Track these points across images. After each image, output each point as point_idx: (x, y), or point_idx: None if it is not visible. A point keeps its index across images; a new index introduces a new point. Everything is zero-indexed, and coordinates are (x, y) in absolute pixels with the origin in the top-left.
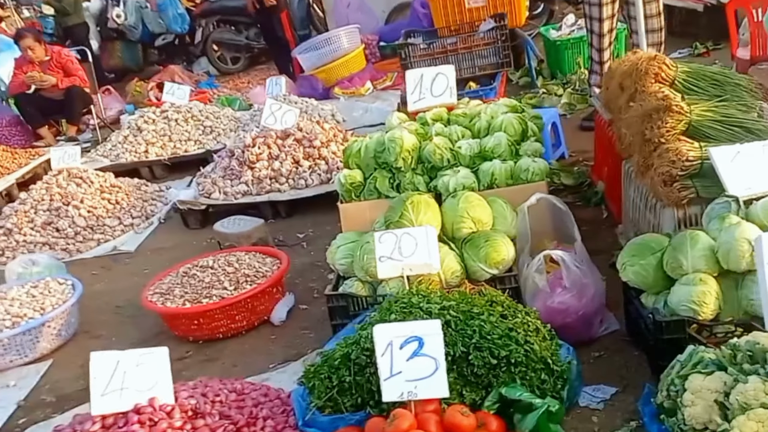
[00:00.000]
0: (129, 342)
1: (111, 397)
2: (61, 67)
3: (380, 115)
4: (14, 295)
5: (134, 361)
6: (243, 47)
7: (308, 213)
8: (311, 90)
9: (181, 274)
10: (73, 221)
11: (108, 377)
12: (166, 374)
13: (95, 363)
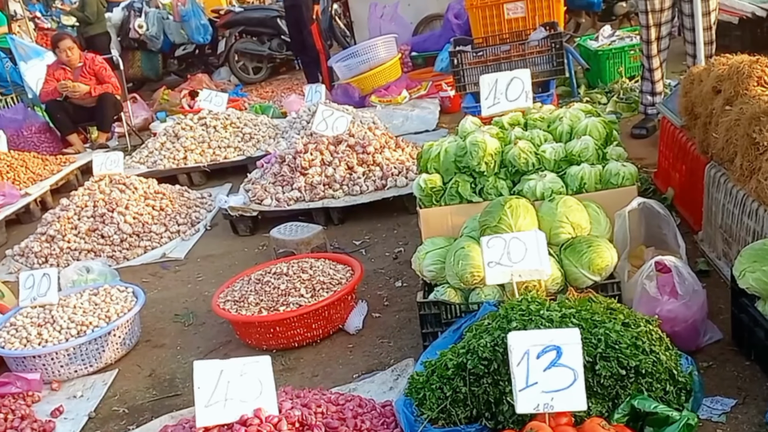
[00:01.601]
0: (196, 351)
1: (216, 408)
2: (93, 74)
3: (421, 122)
4: (76, 302)
5: (238, 370)
6: (265, 57)
7: (362, 220)
8: (347, 98)
9: (253, 281)
10: (118, 228)
11: (212, 387)
12: (269, 384)
13: (199, 372)
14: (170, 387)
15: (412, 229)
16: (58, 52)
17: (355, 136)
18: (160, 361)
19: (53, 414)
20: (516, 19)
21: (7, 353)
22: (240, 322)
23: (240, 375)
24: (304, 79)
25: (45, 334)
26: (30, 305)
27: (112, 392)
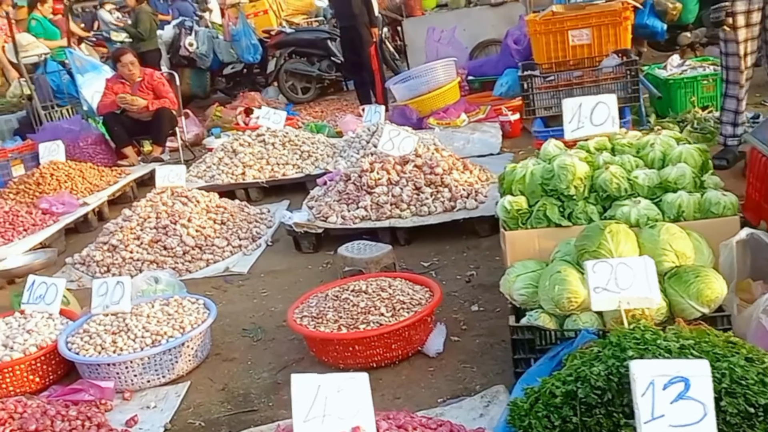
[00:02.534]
0: (268, 367)
1: (313, 423)
2: (151, 89)
3: (484, 146)
4: (149, 312)
5: (335, 386)
6: (314, 78)
7: (429, 241)
8: (404, 120)
9: (331, 297)
10: (181, 240)
11: (310, 402)
12: (367, 402)
13: (297, 386)
14: (245, 402)
15: (483, 253)
16: (120, 66)
17: (422, 156)
18: (232, 376)
19: (128, 424)
20: (581, 45)
21: (81, 359)
22: (318, 339)
23: (337, 391)
24: (352, 100)
25: (120, 342)
26: (102, 312)
27: (185, 404)
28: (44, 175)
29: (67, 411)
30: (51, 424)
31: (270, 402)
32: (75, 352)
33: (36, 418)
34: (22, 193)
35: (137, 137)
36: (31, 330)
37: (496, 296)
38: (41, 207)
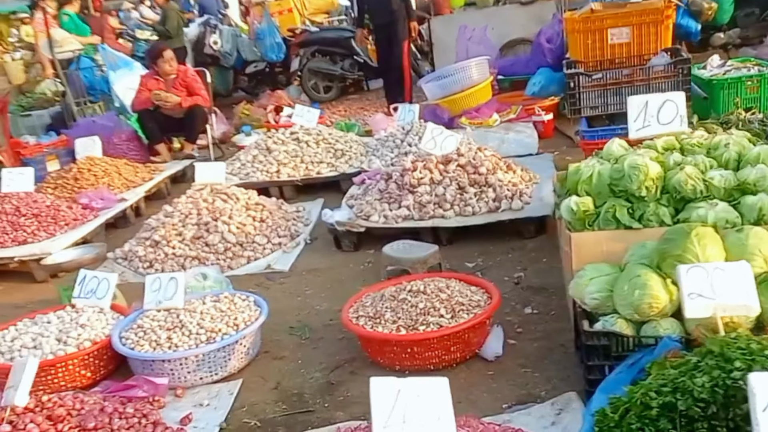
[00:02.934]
0: (319, 367)
1: (393, 430)
2: (185, 86)
3: (520, 146)
4: (202, 308)
5: (415, 390)
6: (337, 77)
7: (472, 242)
8: (435, 119)
9: (387, 297)
10: (222, 237)
11: (390, 407)
12: (448, 408)
13: (376, 389)
14: (300, 402)
15: (528, 255)
16: (162, 61)
17: (465, 155)
18: (284, 374)
19: (182, 422)
20: (620, 44)
21: (136, 355)
22: (375, 340)
23: (417, 396)
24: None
25: (174, 338)
26: (155, 308)
27: (239, 403)
28: (81, 170)
29: (123, 408)
30: (109, 422)
31: (325, 403)
32: (129, 347)
33: (94, 415)
34: (60, 188)
35: (170, 134)
36: (84, 324)
37: (548, 299)
38: (81, 202)
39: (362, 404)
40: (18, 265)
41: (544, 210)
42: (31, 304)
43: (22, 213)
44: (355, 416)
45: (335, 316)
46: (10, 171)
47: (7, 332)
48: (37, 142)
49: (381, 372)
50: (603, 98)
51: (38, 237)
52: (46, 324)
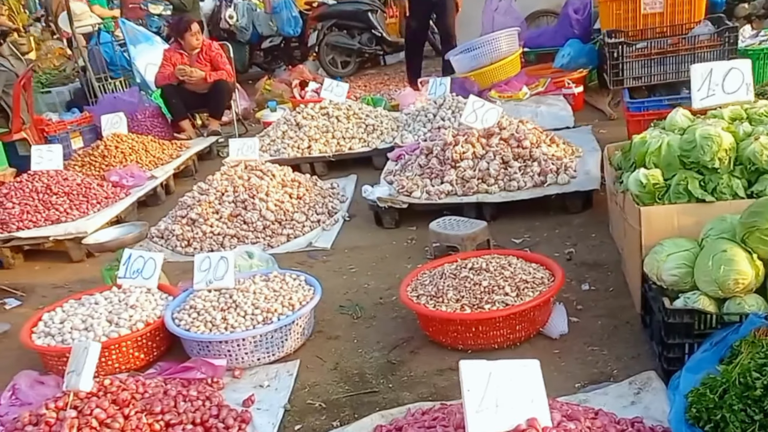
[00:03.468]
0: (377, 346)
1: (486, 414)
2: (209, 60)
3: (554, 119)
4: (255, 288)
5: (507, 373)
6: (354, 51)
7: (517, 217)
8: (464, 92)
9: (448, 275)
10: (261, 214)
11: (482, 391)
12: (540, 391)
13: (467, 373)
14: (362, 383)
15: (576, 230)
16: (189, 35)
17: (507, 129)
18: (341, 354)
19: (245, 403)
20: (653, 14)
21: (194, 336)
22: (438, 319)
23: (509, 379)
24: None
25: (230, 319)
26: (205, 288)
27: (300, 384)
28: (109, 147)
29: (187, 391)
30: (174, 405)
31: (389, 383)
32: (184, 328)
33: (159, 398)
34: (88, 165)
35: (194, 110)
36: (134, 305)
37: (604, 275)
38: (111, 180)
39: (427, 384)
40: (53, 245)
41: (591, 184)
42: (69, 284)
43: (53, 191)
44: (422, 397)
45: (385, 295)
46: (39, 148)
47: (55, 314)
48: (60, 119)
49: (442, 352)
50: (647, 68)
51: (71, 216)
52: (94, 305)
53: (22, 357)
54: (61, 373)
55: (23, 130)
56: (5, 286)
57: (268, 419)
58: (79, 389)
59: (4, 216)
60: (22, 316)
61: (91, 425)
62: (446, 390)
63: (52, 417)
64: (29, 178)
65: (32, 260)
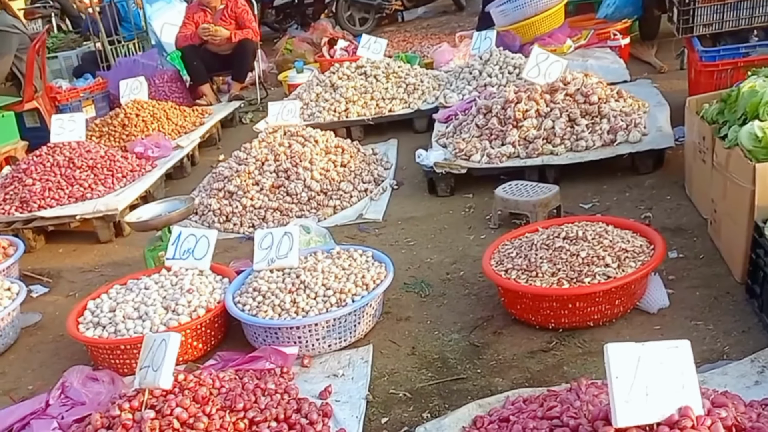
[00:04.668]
0: (454, 327)
1: (635, 404)
2: (234, 18)
3: (605, 73)
4: (322, 266)
5: (657, 356)
6: (374, 8)
7: (581, 180)
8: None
9: (539, 246)
10: (305, 184)
11: (631, 377)
12: (692, 376)
13: (615, 357)
14: (446, 368)
15: (648, 192)
16: None
17: (572, 83)
18: (416, 337)
19: (322, 395)
20: None
21: (262, 322)
22: (530, 295)
23: (659, 363)
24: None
25: (300, 301)
26: (267, 268)
27: (377, 372)
28: (129, 115)
29: (265, 384)
30: (255, 401)
31: (477, 368)
32: (251, 313)
33: (238, 393)
34: (107, 136)
35: (215, 73)
36: (190, 290)
37: (690, 241)
38: (135, 151)
39: (519, 368)
40: (80, 225)
41: (666, 141)
42: (99, 267)
43: (76, 165)
44: (517, 383)
45: (451, 270)
46: (60, 118)
47: (100, 301)
48: (71, 86)
49: (529, 331)
50: (719, 14)
51: (96, 191)
52: (145, 291)
53: (61, 350)
54: (114, 368)
55: (35, 99)
56: (30, 271)
57: (350, 412)
58: (159, 386)
59: (24, 194)
60: (52, 305)
61: (173, 426)
62: (542, 374)
63: (128, 419)
64: (49, 151)
65: (55, 242)
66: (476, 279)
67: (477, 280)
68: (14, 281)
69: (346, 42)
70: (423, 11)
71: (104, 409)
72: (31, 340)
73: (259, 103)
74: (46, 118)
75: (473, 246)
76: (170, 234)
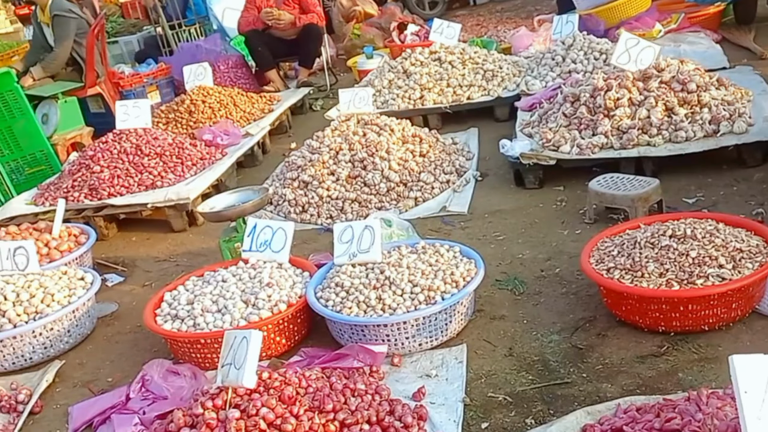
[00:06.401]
0: (553, 328)
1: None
2: (298, 2)
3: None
4: (408, 262)
5: None
6: None
7: (684, 173)
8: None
9: (643, 244)
10: (383, 175)
11: (762, 392)
12: None
13: (742, 370)
14: (548, 371)
15: (758, 186)
16: None
17: (666, 70)
18: (513, 337)
19: (415, 397)
20: None
21: (349, 319)
22: (638, 297)
23: None
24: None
25: (387, 298)
26: (348, 263)
27: (473, 373)
28: (195, 101)
29: (355, 384)
30: (345, 402)
31: (582, 372)
32: (335, 309)
33: (326, 393)
34: (173, 122)
35: (282, 59)
36: (269, 283)
37: None
38: (204, 138)
39: (629, 374)
40: (152, 213)
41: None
42: (174, 257)
43: (144, 152)
44: (628, 389)
45: (545, 267)
46: (124, 104)
47: (177, 293)
48: (134, 71)
49: (637, 334)
50: None
51: (167, 180)
52: (222, 283)
53: (139, 341)
54: (194, 361)
55: (98, 84)
56: (104, 260)
57: (447, 415)
58: (242, 385)
59: (93, 181)
60: (129, 294)
61: (260, 427)
62: (655, 381)
63: (212, 418)
64: (115, 138)
65: (127, 230)
66: (574, 277)
67: (575, 278)
68: (88, 270)
69: (416, 26)
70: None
71: (187, 407)
72: (108, 330)
73: (329, 90)
74: (110, 103)
75: (568, 242)
76: (245, 225)
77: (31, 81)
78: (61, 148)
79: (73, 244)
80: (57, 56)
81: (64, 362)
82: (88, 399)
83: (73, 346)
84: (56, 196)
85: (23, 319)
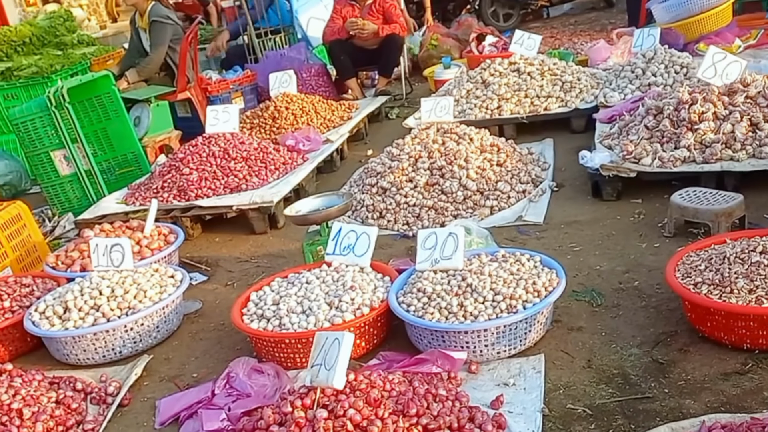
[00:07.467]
0: (633, 341)
1: None
2: (382, 13)
3: None
4: (489, 270)
5: None
6: (519, 3)
7: (765, 188)
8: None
9: (732, 259)
10: (460, 183)
11: None
12: None
13: None
14: (628, 385)
15: None
16: None
17: (752, 85)
18: (592, 349)
19: (493, 405)
20: None
21: (430, 325)
22: (724, 313)
23: None
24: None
25: (468, 305)
26: (430, 269)
27: (551, 384)
28: (279, 108)
29: (436, 390)
30: (428, 407)
31: (664, 387)
32: (417, 315)
33: (410, 398)
34: (258, 128)
35: (362, 68)
36: (353, 287)
37: None
38: (287, 143)
39: (713, 391)
40: (235, 215)
41: None
42: (256, 258)
43: (231, 156)
44: (712, 406)
45: (624, 279)
46: (214, 109)
47: (263, 293)
48: (221, 77)
49: (720, 351)
50: None
51: (251, 183)
52: (306, 285)
53: (223, 339)
54: (277, 361)
55: (188, 89)
56: (189, 259)
57: (525, 425)
58: (331, 386)
59: (182, 183)
60: (212, 293)
61: (347, 428)
62: (740, 399)
63: (301, 417)
64: (204, 142)
65: (211, 231)
66: (653, 290)
67: (654, 292)
68: (177, 269)
69: (494, 38)
70: (569, 7)
71: (275, 405)
72: (193, 327)
73: (404, 99)
74: (198, 108)
75: (647, 255)
76: (329, 229)
77: (126, 84)
78: (150, 150)
79: (162, 242)
80: (152, 61)
81: (152, 357)
82: (174, 393)
83: (160, 342)
84: (146, 197)
85: (116, 314)
